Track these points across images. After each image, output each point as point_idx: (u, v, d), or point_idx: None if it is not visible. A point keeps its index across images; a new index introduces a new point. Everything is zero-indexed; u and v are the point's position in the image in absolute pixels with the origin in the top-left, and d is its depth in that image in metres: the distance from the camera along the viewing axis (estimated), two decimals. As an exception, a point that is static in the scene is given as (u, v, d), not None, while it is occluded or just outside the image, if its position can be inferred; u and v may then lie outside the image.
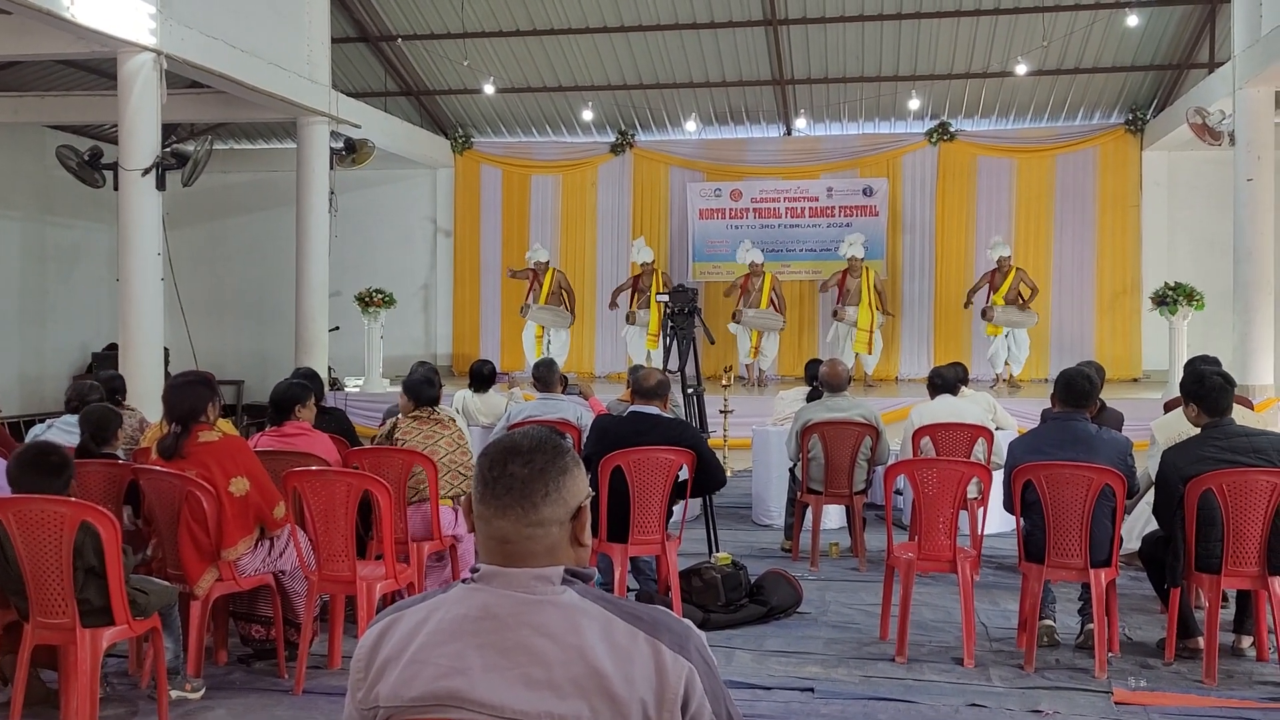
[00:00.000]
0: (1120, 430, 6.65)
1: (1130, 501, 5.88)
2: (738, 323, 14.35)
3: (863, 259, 14.23)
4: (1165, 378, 13.21)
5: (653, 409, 6.26)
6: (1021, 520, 5.64)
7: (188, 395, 5.26)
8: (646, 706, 1.84)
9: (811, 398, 8.56)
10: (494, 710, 1.86)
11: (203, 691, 5.08)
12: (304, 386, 6.37)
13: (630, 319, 14.75)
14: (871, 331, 14.22)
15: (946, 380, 8.15)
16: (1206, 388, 5.44)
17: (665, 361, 7.68)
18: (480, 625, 1.91)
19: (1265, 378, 11.20)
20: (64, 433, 6.30)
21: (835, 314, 14.45)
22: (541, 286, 14.80)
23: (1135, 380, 15.25)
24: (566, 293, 15.01)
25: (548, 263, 15.03)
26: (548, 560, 1.95)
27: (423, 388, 6.36)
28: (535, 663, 1.86)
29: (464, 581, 1.99)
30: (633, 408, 6.35)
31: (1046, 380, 14.89)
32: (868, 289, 14.14)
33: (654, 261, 14.84)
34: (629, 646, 1.87)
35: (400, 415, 6.43)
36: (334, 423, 7.10)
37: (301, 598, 5.45)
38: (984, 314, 14.09)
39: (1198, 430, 5.52)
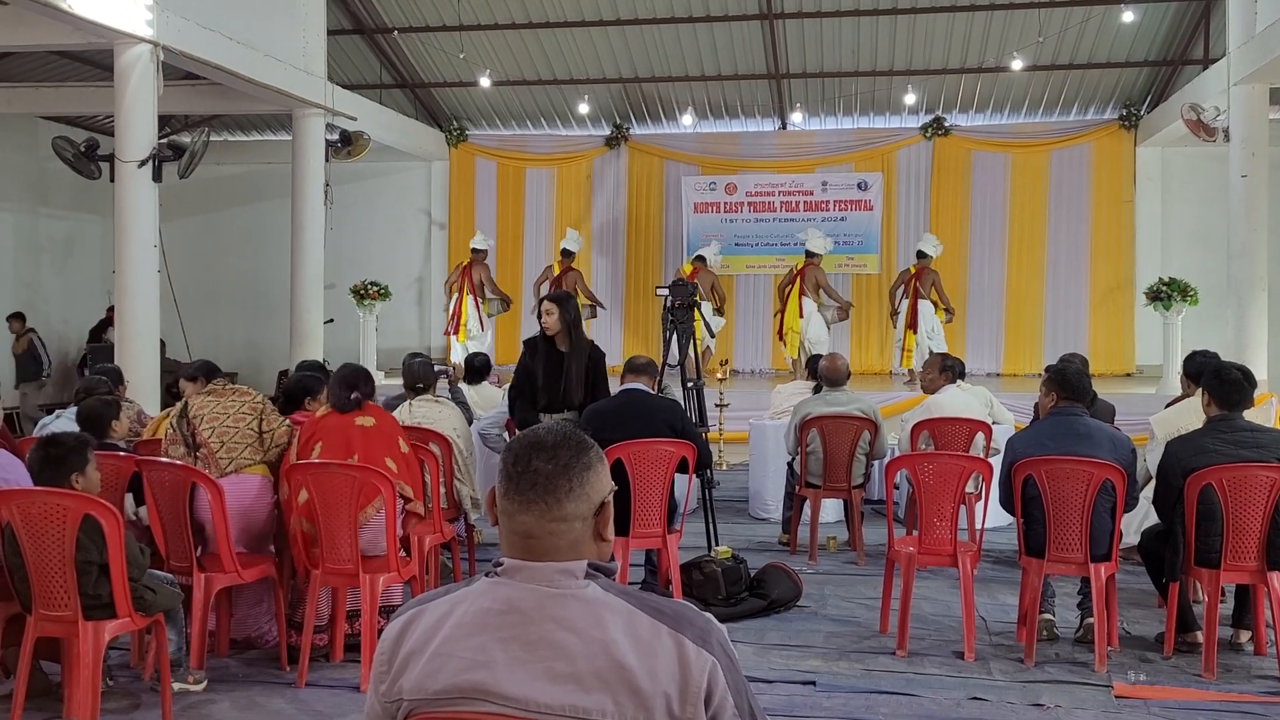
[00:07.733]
0: (1112, 422, 6.69)
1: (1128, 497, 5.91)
2: None
3: (818, 253, 13.35)
4: (1159, 373, 13.23)
5: (641, 385, 6.35)
6: (1020, 516, 5.66)
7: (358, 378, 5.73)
8: (670, 700, 1.85)
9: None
10: (519, 704, 1.87)
11: (205, 684, 5.10)
12: (316, 378, 6.40)
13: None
14: (802, 331, 13.17)
15: (955, 369, 8.21)
16: (1223, 379, 5.47)
17: (665, 356, 7.67)
18: (504, 619, 1.91)
19: (1259, 373, 11.21)
20: (70, 424, 6.30)
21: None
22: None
23: (1128, 375, 15.27)
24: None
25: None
26: (571, 555, 1.96)
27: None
28: (559, 656, 1.87)
29: (487, 575, 2.00)
30: (624, 385, 6.43)
31: (1038, 376, 14.89)
32: (797, 286, 13.19)
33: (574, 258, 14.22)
34: (652, 640, 1.88)
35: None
36: None
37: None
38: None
39: (1199, 425, 5.55)
